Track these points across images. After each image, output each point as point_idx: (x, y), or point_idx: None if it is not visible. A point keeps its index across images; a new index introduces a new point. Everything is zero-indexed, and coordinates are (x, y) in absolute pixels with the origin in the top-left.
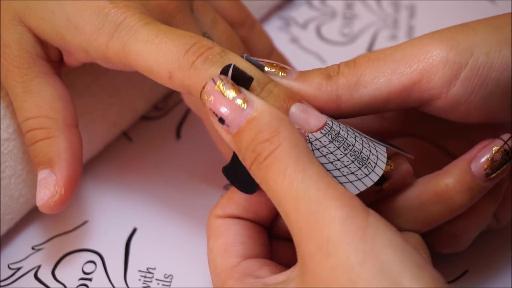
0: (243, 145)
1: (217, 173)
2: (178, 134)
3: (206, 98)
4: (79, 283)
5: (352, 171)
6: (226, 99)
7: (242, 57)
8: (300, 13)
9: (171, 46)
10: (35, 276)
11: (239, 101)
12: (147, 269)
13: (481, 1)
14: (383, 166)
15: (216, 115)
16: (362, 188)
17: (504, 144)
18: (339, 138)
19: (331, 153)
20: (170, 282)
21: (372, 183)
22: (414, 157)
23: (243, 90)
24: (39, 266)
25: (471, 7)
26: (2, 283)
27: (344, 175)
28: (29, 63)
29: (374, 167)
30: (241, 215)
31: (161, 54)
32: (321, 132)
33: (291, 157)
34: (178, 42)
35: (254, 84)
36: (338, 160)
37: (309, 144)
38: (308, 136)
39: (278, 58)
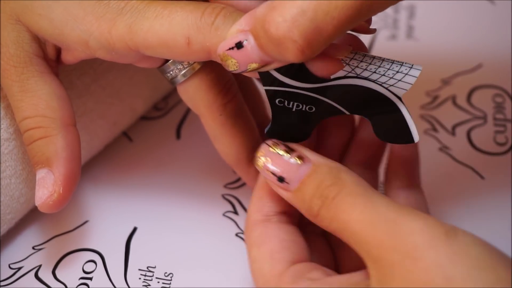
0: (307, 196)
1: (217, 172)
2: (178, 134)
3: (262, 161)
4: (79, 282)
5: (397, 70)
6: (283, 159)
7: None
8: None
9: (183, 12)
10: (36, 275)
11: (295, 159)
12: (147, 267)
13: (481, 1)
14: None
15: (275, 175)
16: (412, 80)
17: None
18: (368, 53)
19: (371, 64)
20: (171, 280)
21: (419, 71)
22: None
23: (297, 147)
24: (39, 266)
25: (471, 7)
26: (3, 283)
27: (392, 77)
28: (25, 62)
29: (412, 64)
30: (279, 209)
31: (175, 22)
32: (352, 52)
33: (358, 192)
34: (190, 7)
35: None
36: (380, 67)
37: (347, 66)
38: (342, 60)
39: None
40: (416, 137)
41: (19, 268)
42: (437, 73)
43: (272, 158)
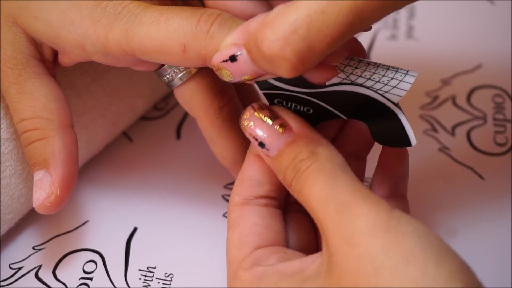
0: (283, 166)
1: (217, 172)
2: (178, 134)
3: (246, 124)
4: (79, 282)
5: (392, 77)
6: (265, 124)
7: None
8: None
9: (179, 19)
10: (36, 275)
11: (277, 127)
12: (148, 268)
13: (481, 1)
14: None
15: (256, 140)
16: (407, 86)
17: None
18: (363, 59)
19: (366, 70)
20: (171, 281)
21: (414, 78)
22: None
23: (282, 113)
24: (40, 266)
25: (471, 7)
26: (3, 283)
27: (386, 84)
28: (22, 64)
29: (408, 70)
30: (259, 193)
31: (171, 29)
32: (347, 58)
33: (325, 169)
34: (187, 14)
35: None
36: (375, 73)
37: (342, 73)
38: (337, 66)
39: None
40: (413, 140)
41: (19, 268)
42: (437, 73)
43: (255, 122)
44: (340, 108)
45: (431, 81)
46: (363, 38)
